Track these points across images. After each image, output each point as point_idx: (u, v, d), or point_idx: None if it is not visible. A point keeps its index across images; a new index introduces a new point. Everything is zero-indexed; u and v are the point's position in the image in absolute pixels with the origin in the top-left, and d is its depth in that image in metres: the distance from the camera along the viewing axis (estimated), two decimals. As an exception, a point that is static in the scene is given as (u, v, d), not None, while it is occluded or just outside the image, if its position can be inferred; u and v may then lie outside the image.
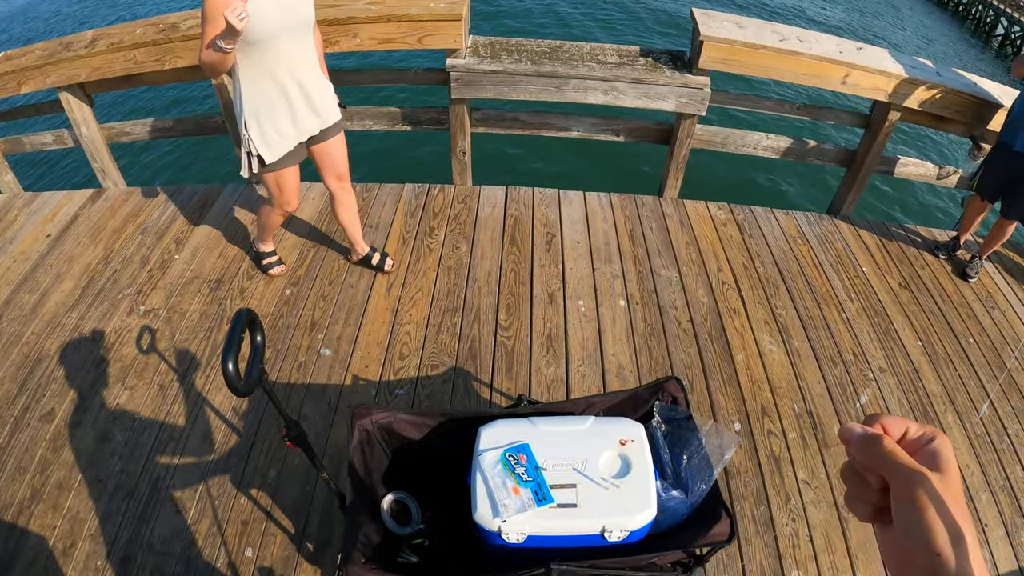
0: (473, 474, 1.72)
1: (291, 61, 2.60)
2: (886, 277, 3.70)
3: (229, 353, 1.35)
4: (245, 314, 1.47)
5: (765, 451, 2.68)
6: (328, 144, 2.99)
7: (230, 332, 1.40)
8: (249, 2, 2.31)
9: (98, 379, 2.96)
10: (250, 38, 2.43)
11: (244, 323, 1.46)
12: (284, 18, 2.47)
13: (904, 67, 3.61)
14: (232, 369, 1.34)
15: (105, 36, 3.71)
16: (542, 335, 3.14)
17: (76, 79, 3.80)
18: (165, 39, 3.51)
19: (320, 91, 2.79)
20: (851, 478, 0.60)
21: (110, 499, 2.50)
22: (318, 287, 3.35)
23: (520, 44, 3.64)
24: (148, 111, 8.67)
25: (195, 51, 3.53)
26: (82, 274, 3.53)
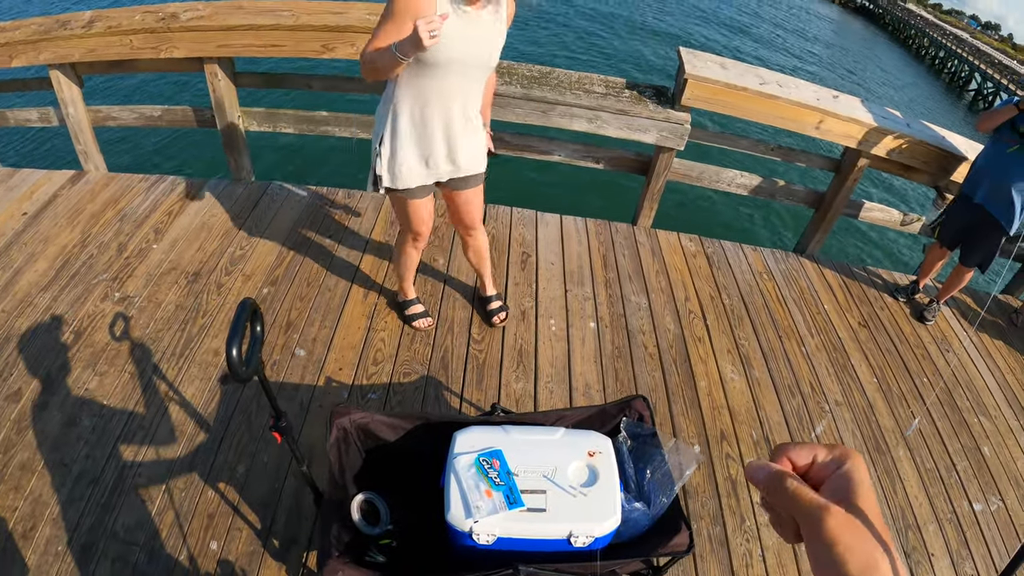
0: (447, 476, 1.78)
1: (449, 101, 2.40)
2: (846, 315, 3.85)
3: (235, 340, 1.39)
4: (250, 303, 1.51)
5: (723, 473, 2.78)
6: (460, 194, 2.77)
7: (236, 319, 1.45)
8: (452, 24, 2.17)
9: (68, 363, 2.94)
10: (425, 59, 2.24)
11: (249, 312, 1.51)
12: (465, 55, 2.27)
13: (875, 117, 3.78)
14: (236, 355, 1.40)
15: (103, 18, 3.70)
16: (513, 351, 3.21)
17: (69, 58, 3.79)
18: (164, 28, 3.53)
19: (467, 140, 2.55)
20: (769, 508, 0.60)
21: (74, 484, 2.48)
22: (296, 288, 3.38)
23: (511, 67, 3.74)
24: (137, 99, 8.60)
25: (191, 43, 3.57)
26: (57, 256, 3.50)
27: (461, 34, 2.21)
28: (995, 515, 2.95)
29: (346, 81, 3.90)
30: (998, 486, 3.08)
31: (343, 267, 3.55)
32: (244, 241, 3.65)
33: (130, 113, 4.18)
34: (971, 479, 3.07)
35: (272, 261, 3.53)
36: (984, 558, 2.75)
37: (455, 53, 2.24)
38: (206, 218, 3.81)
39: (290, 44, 3.52)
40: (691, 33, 19.21)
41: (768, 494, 0.57)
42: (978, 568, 2.71)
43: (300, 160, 7.27)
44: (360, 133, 4.00)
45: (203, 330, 3.09)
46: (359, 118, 3.98)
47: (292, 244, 3.67)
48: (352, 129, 4.00)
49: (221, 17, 3.54)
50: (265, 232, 3.73)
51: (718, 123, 8.05)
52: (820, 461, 0.57)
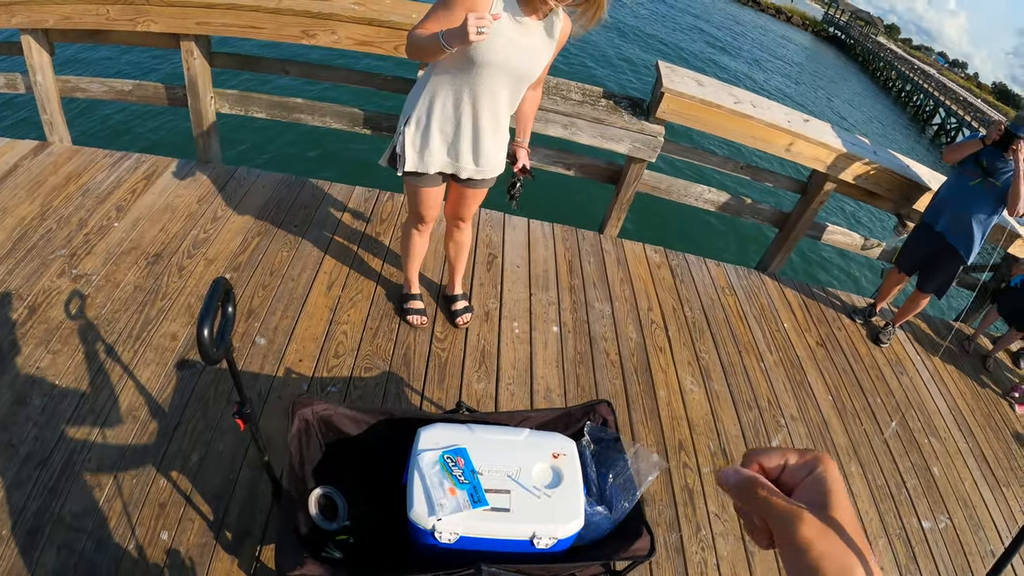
0: (411, 472, 1.77)
1: (482, 101, 2.37)
2: (805, 334, 3.92)
3: (206, 320, 1.35)
4: (223, 283, 1.48)
5: (680, 482, 2.81)
6: (467, 192, 2.79)
7: (208, 299, 1.41)
8: (504, 25, 2.18)
9: (21, 339, 2.84)
10: (467, 54, 2.22)
11: (222, 292, 1.47)
12: (508, 60, 2.26)
13: (844, 142, 3.87)
14: (208, 336, 1.36)
15: (83, -14, 3.60)
16: (476, 351, 3.20)
17: (43, 24, 3.66)
18: (143, 0, 3.44)
19: (493, 143, 2.54)
20: (743, 514, 0.57)
21: (21, 466, 2.39)
22: (259, 276, 3.32)
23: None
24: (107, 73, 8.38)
25: (170, 18, 3.49)
26: (15, 227, 3.38)
27: (509, 40, 2.23)
28: (943, 532, 3.03)
29: (324, 69, 3.85)
30: (946, 505, 3.17)
31: (308, 257, 3.50)
32: (208, 224, 3.58)
33: (100, 86, 4.07)
34: (920, 497, 3.15)
35: (236, 247, 3.47)
36: (932, 574, 2.82)
37: (498, 57, 2.23)
38: (171, 199, 3.72)
39: (270, 27, 3.46)
40: (672, 46, 19.42)
41: (740, 500, 0.55)
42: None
43: (270, 146, 7.18)
44: (333, 123, 3.96)
45: (161, 313, 3.02)
46: (333, 107, 3.93)
47: (257, 231, 3.61)
48: (325, 119, 3.95)
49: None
50: (230, 217, 3.66)
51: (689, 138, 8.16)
52: (792, 465, 0.56)
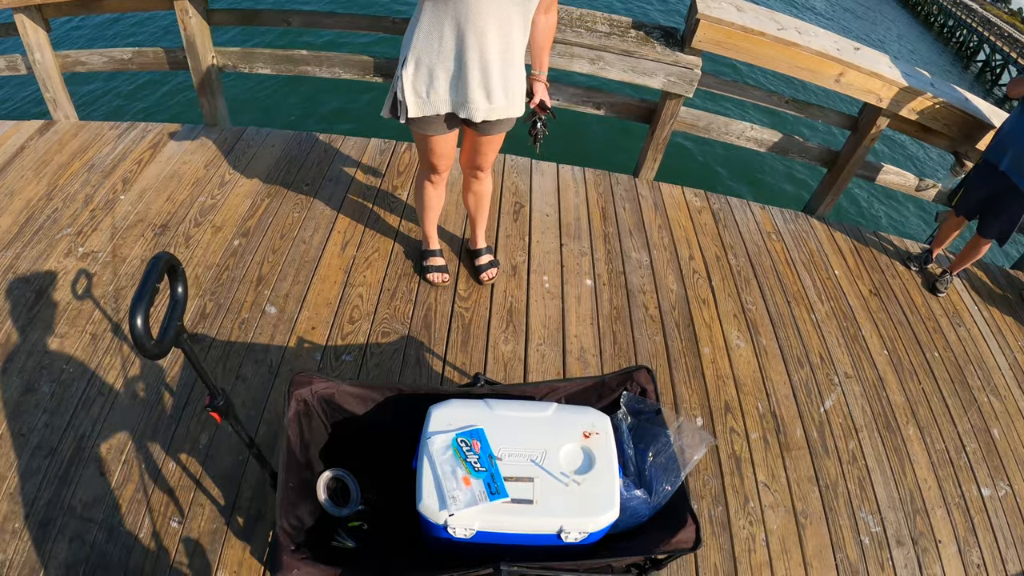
0: (420, 459, 1.57)
1: (488, 27, 2.08)
2: (857, 282, 3.63)
3: (140, 306, 1.12)
4: (164, 259, 1.25)
5: (726, 450, 2.59)
6: (482, 138, 2.52)
7: (143, 279, 1.18)
8: None
9: (28, 324, 2.74)
10: None
11: (162, 270, 1.25)
12: None
13: (900, 73, 3.53)
14: (143, 326, 1.13)
15: (66, -44, 3.45)
16: (502, 309, 2.99)
17: (33, 0, 3.52)
18: (129, -39, 3.27)
19: (505, 74, 2.23)
20: None
21: (31, 456, 2.31)
22: (268, 240, 3.14)
23: (505, 3, 3.46)
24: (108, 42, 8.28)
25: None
26: (22, 210, 3.27)
27: None
28: (1003, 501, 2.77)
29: (327, 17, 3.62)
30: (1006, 470, 2.90)
31: (320, 218, 3.30)
32: (216, 190, 3.40)
33: (99, 57, 3.92)
34: (980, 462, 2.89)
35: (245, 211, 3.28)
36: (991, 547, 2.58)
37: None
38: (177, 166, 3.55)
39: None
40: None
41: None
42: (984, 556, 2.54)
43: (281, 104, 6.97)
44: (342, 73, 3.73)
45: (167, 287, 2.86)
46: (341, 56, 3.70)
47: (267, 193, 3.42)
48: (334, 69, 3.72)
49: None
50: (239, 180, 3.47)
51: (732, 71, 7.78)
52: None
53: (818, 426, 2.75)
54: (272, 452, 2.30)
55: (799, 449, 2.64)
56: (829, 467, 2.60)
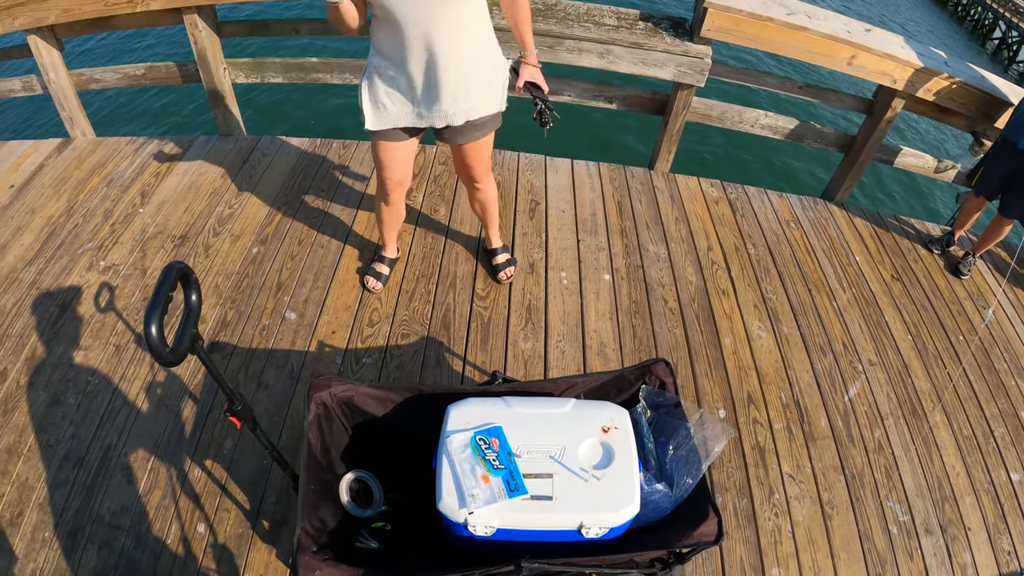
0: (439, 458, 1.57)
1: (424, 36, 2.00)
2: (879, 268, 3.59)
3: (154, 314, 1.15)
4: (177, 268, 1.27)
5: (750, 441, 2.56)
6: (462, 148, 2.44)
7: (157, 289, 1.21)
8: None
9: (53, 338, 2.78)
10: None
11: (175, 279, 1.27)
12: None
13: (914, 53, 3.47)
14: (156, 334, 1.16)
15: (76, -25, 3.49)
16: (521, 307, 2.99)
17: (45, 21, 3.57)
18: (137, -22, 3.30)
19: (457, 82, 2.15)
20: None
21: (59, 467, 2.35)
22: (287, 246, 3.17)
23: (514, 0, 3.45)
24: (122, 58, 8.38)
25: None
26: (43, 227, 3.33)
27: None
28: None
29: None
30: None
31: (337, 222, 3.33)
32: (233, 199, 3.43)
33: (113, 74, 3.97)
34: (1008, 447, 2.83)
35: (262, 219, 3.31)
36: (1022, 533, 2.53)
37: None
38: (194, 177, 3.59)
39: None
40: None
41: None
42: (1014, 542, 2.50)
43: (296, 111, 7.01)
44: (352, 79, 3.74)
45: (189, 296, 2.90)
46: (352, 63, 3.71)
47: (284, 200, 3.44)
48: (345, 75, 3.74)
49: (195, -38, 3.28)
50: (255, 188, 3.50)
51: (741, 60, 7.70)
52: None
53: (843, 415, 2.72)
54: (296, 456, 2.31)
55: (824, 439, 2.61)
56: (855, 456, 2.57)
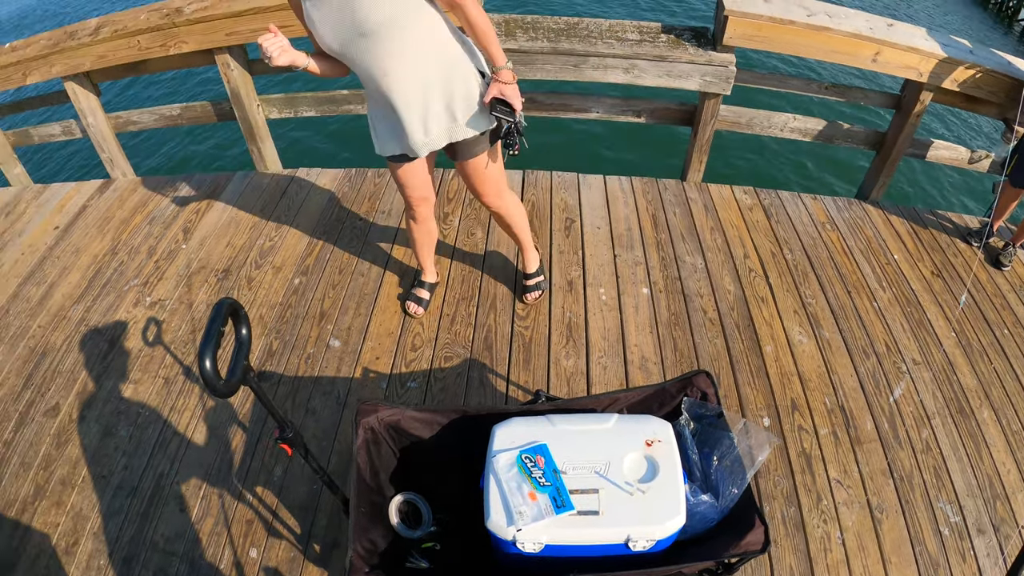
0: (486, 477, 1.61)
1: (383, 77, 2.09)
2: (918, 265, 3.54)
3: (207, 348, 1.21)
4: (227, 304, 1.34)
5: (795, 448, 2.55)
6: (461, 165, 2.49)
7: (209, 324, 1.27)
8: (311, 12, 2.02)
9: (103, 373, 2.89)
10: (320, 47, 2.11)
11: (226, 314, 1.33)
12: (340, 36, 2.02)
13: (937, 45, 3.44)
14: (210, 367, 1.21)
15: (109, 23, 3.63)
16: (561, 325, 3.01)
17: (81, 68, 3.72)
18: (169, 24, 3.42)
19: (425, 112, 2.21)
20: None
21: (113, 496, 2.44)
22: (328, 276, 3.24)
23: (536, 21, 3.50)
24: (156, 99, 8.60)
25: (199, 35, 3.47)
26: (89, 266, 3.46)
27: (321, 17, 2.01)
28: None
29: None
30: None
31: (376, 250, 3.39)
32: (273, 232, 3.52)
33: (150, 115, 4.10)
34: (1059, 443, 2.78)
35: (302, 250, 3.40)
36: (1075, 529, 2.48)
37: (330, 41, 2.04)
38: (234, 212, 3.70)
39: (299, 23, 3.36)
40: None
41: None
42: (1070, 540, 2.43)
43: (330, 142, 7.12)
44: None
45: (234, 328, 2.98)
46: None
47: (323, 230, 3.53)
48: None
49: (225, 4, 3.39)
50: (294, 221, 3.59)
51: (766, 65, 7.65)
52: None
53: (888, 417, 2.69)
54: (345, 480, 2.36)
55: (870, 442, 2.58)
56: (903, 458, 2.54)
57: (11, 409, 2.80)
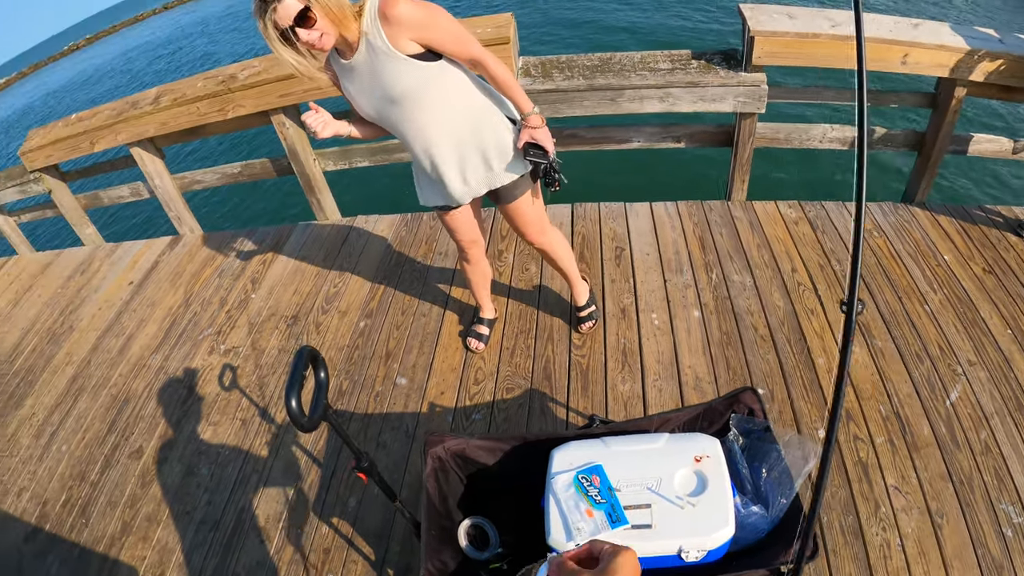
0: (546, 497, 1.72)
1: (416, 139, 2.28)
2: (969, 263, 3.51)
3: (292, 391, 1.39)
4: (307, 351, 1.51)
5: (852, 458, 2.57)
6: (502, 209, 2.62)
7: (292, 370, 1.45)
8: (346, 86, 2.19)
9: (184, 416, 3.12)
10: (358, 115, 2.31)
11: (307, 360, 1.50)
12: (373, 103, 2.18)
13: (965, 39, 3.43)
14: (296, 406, 1.38)
15: (168, 92, 3.90)
16: (616, 351, 3.10)
17: (145, 135, 4.00)
18: (225, 90, 3.67)
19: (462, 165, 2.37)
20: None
21: (196, 530, 2.64)
22: (391, 317, 3.41)
23: (571, 60, 3.64)
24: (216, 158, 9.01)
25: (254, 99, 3.71)
26: (164, 317, 3.71)
27: (356, 90, 2.18)
28: None
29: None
30: None
31: (436, 290, 3.56)
32: (337, 278, 3.73)
33: (213, 174, 4.37)
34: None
35: (366, 294, 3.58)
36: None
37: (367, 109, 2.21)
38: (298, 262, 3.92)
39: (341, 93, 3.56)
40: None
41: None
42: None
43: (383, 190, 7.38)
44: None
45: (306, 370, 3.16)
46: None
47: (384, 274, 3.71)
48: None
49: (276, 68, 3.62)
50: (356, 267, 3.79)
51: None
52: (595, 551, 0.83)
53: (945, 420, 2.68)
54: (415, 507, 2.49)
55: (928, 447, 2.59)
56: (961, 461, 2.53)
57: (96, 453, 3.05)
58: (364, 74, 2.11)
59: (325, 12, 1.89)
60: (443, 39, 2.08)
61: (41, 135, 4.35)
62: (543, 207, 2.71)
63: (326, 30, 1.92)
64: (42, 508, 2.91)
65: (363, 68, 2.10)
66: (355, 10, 2.00)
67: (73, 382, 3.52)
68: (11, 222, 5.04)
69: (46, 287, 4.46)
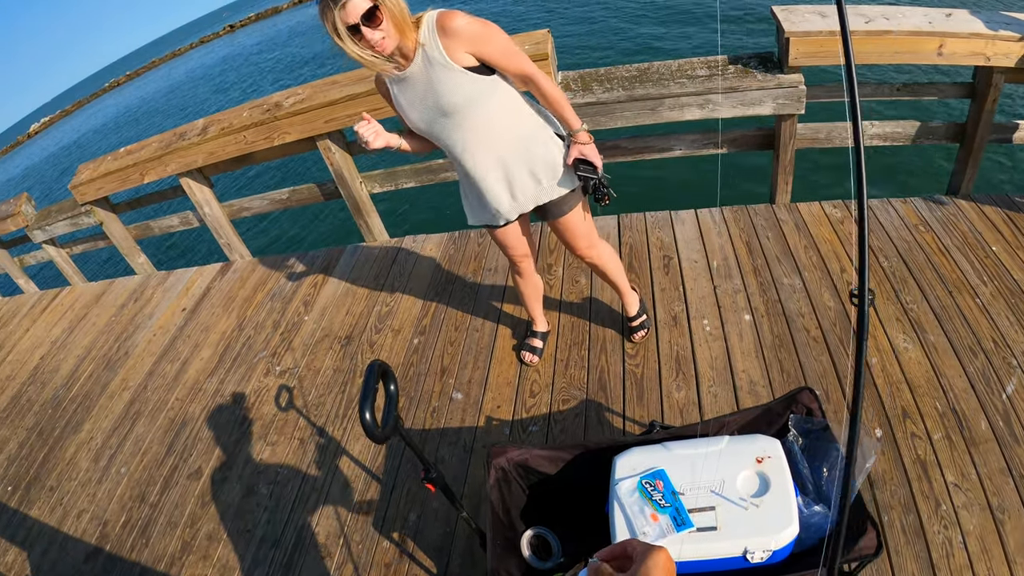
0: (611, 504, 1.76)
1: (464, 153, 2.32)
2: (1018, 253, 3.45)
3: (366, 403, 1.46)
4: (378, 366, 1.57)
5: (910, 456, 2.55)
6: (551, 225, 2.66)
7: (365, 383, 1.51)
8: (399, 97, 2.25)
9: (241, 437, 3.22)
10: (409, 128, 2.35)
11: (378, 374, 1.56)
12: (425, 116, 2.24)
13: (998, 25, 3.40)
14: (370, 418, 1.45)
15: (215, 122, 4.02)
16: (670, 359, 3.12)
17: (193, 165, 4.13)
18: (271, 118, 3.77)
19: (508, 182, 2.42)
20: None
21: (257, 548, 2.71)
22: (445, 334, 3.48)
23: (609, 72, 3.69)
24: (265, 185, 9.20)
25: (300, 125, 3.80)
26: (218, 342, 3.83)
27: (408, 102, 2.23)
28: None
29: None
30: None
31: (487, 306, 3.61)
32: (388, 298, 3.81)
33: (261, 201, 4.48)
34: None
35: (418, 312, 3.65)
36: None
37: (417, 121, 2.26)
38: (350, 283, 4.02)
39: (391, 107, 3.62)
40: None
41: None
42: None
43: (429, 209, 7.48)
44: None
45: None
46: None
47: (435, 292, 3.78)
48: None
49: (320, 95, 3.72)
50: (407, 285, 3.87)
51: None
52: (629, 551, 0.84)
53: (1003, 414, 2.64)
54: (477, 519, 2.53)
55: (986, 442, 2.55)
56: (1021, 455, 2.49)
57: (156, 475, 3.17)
58: (418, 84, 2.17)
59: (390, 15, 1.97)
60: (498, 54, 2.15)
61: (91, 169, 4.51)
62: (591, 221, 2.75)
63: (389, 33, 1.99)
64: (102, 529, 3.03)
65: (418, 78, 2.16)
66: (413, 20, 2.09)
67: (130, 406, 3.66)
68: (63, 253, 5.24)
69: (100, 315, 4.63)
